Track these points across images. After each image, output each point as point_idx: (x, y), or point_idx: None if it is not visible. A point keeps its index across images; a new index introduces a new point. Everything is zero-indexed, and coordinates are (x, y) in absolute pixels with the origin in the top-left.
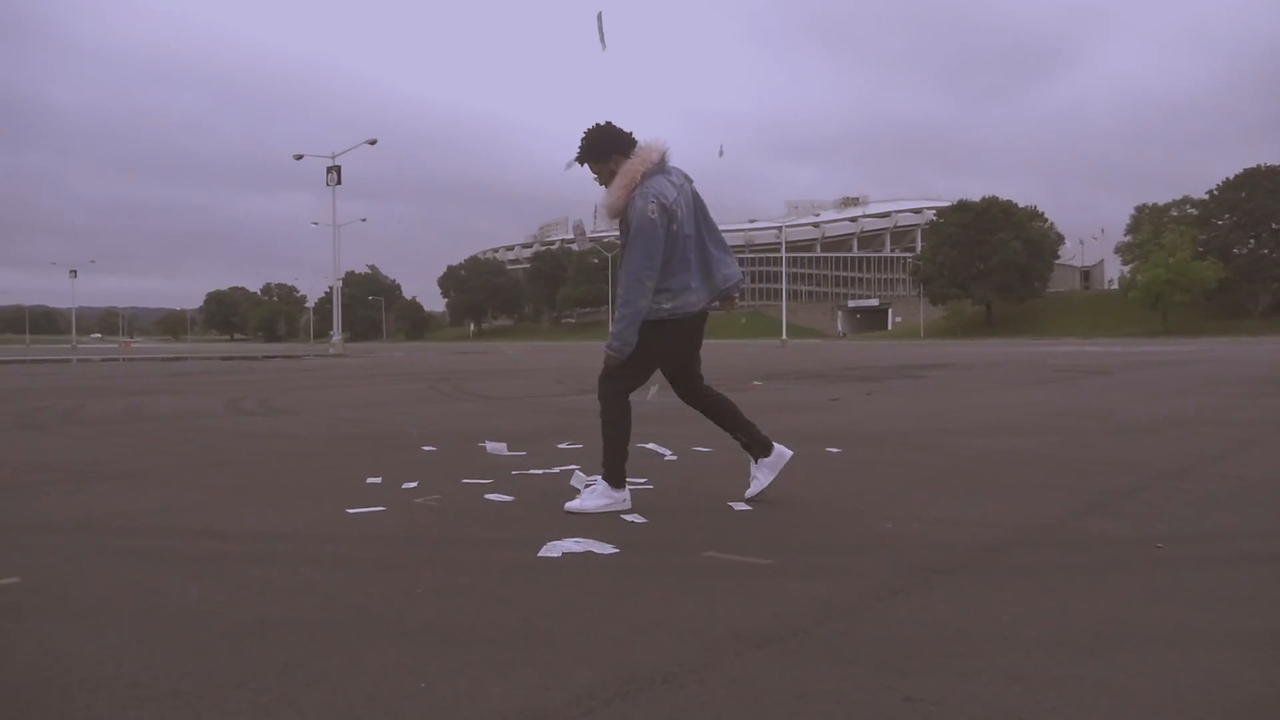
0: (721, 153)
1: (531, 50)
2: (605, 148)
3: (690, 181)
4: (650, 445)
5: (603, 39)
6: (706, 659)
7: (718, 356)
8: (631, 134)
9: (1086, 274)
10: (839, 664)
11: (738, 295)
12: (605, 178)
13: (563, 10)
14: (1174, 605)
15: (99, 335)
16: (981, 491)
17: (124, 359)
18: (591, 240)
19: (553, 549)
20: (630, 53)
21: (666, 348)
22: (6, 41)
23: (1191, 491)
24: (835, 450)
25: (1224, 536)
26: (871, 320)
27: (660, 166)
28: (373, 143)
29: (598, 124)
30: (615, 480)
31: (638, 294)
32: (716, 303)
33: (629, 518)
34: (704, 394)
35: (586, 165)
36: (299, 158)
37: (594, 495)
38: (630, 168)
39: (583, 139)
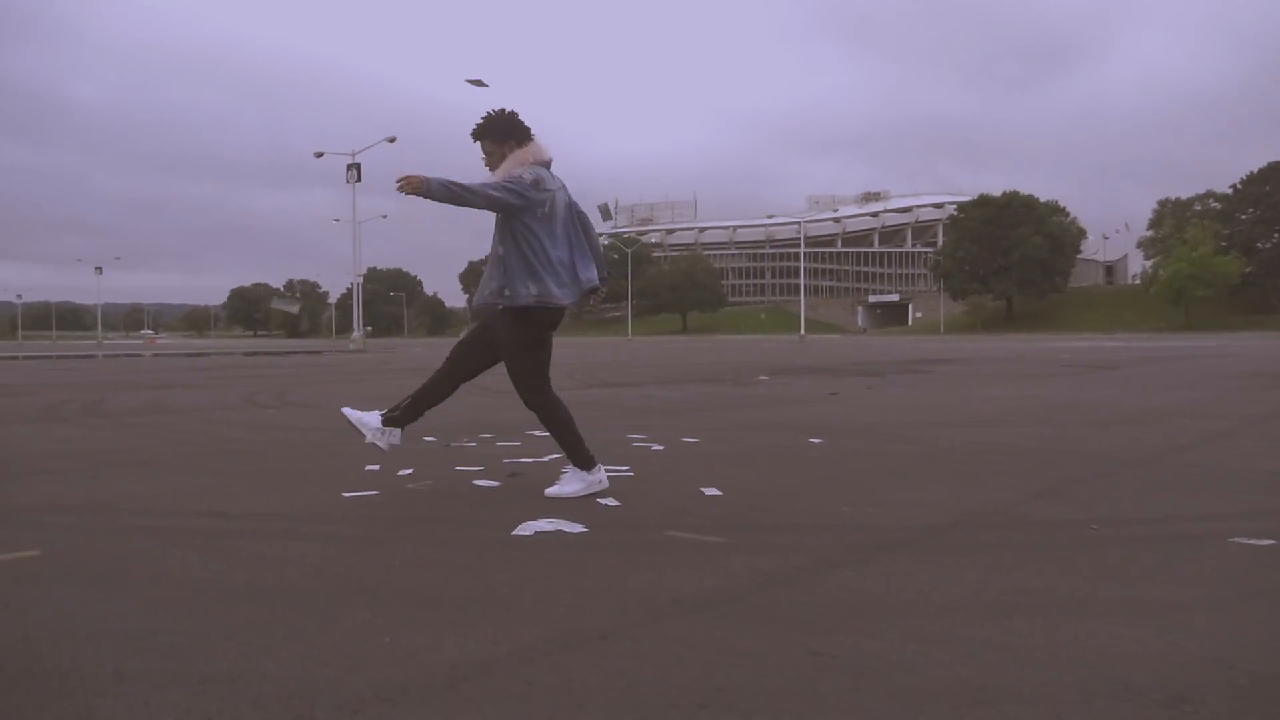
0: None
1: (549, 50)
2: (505, 132)
3: (566, 190)
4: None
5: (479, 84)
6: (643, 621)
7: (733, 353)
8: (530, 130)
9: (1110, 269)
10: (761, 626)
11: (595, 296)
12: (494, 160)
13: (582, 11)
14: (1084, 579)
15: (150, 331)
16: (945, 478)
17: (148, 354)
18: (610, 236)
19: (526, 528)
20: (645, 52)
21: (543, 335)
22: (30, 40)
23: (1146, 479)
24: (817, 440)
25: (1160, 520)
26: (892, 315)
27: (548, 166)
28: (392, 140)
29: (503, 109)
30: (583, 464)
31: (484, 196)
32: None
33: (604, 501)
34: (457, 377)
35: (480, 143)
36: (320, 155)
37: (571, 481)
38: (524, 155)
39: (486, 117)
